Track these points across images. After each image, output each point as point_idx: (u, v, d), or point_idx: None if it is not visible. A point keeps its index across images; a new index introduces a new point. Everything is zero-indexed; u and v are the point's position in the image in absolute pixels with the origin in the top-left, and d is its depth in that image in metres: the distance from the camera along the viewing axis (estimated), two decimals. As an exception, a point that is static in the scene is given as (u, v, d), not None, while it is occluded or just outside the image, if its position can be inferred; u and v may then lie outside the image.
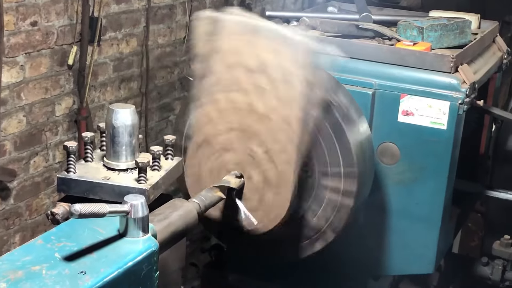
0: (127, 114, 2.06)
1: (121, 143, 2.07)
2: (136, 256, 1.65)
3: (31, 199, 3.76)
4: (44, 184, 3.83)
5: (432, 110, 2.58)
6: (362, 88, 2.64)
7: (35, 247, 1.65)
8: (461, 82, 2.58)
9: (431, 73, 2.60)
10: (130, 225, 1.69)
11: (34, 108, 3.67)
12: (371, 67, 2.66)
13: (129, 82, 4.35)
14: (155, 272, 1.71)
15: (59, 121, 3.86)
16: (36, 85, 3.65)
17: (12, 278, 1.51)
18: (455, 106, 2.56)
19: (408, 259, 2.80)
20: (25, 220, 3.75)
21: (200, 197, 2.07)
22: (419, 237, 2.75)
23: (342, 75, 2.58)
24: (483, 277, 3.38)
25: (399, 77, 2.63)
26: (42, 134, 3.76)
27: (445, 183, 2.67)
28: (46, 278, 1.52)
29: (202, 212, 2.04)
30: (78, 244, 1.66)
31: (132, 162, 2.09)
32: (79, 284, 1.51)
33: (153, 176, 2.08)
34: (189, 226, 1.95)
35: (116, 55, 4.19)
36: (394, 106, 2.63)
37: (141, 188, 2.00)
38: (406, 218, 2.74)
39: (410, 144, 2.65)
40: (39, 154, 3.76)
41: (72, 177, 2.03)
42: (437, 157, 2.64)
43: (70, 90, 3.88)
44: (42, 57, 3.65)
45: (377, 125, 2.65)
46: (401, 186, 2.71)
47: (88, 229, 1.72)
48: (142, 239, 1.70)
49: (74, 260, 1.59)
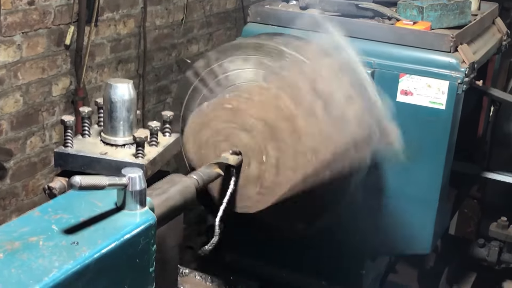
0: (125, 89, 2.05)
1: (118, 118, 2.05)
2: (133, 228, 1.64)
3: (27, 179, 3.75)
4: (41, 164, 3.82)
5: (431, 90, 2.57)
6: (361, 67, 2.62)
7: (32, 219, 1.64)
8: (460, 61, 2.57)
9: (431, 52, 2.59)
10: (128, 198, 1.68)
11: (30, 88, 3.65)
12: (371, 46, 2.64)
13: (126, 64, 4.33)
14: (153, 245, 1.70)
15: (56, 101, 3.84)
16: (33, 65, 3.63)
17: (9, 249, 1.50)
18: (454, 86, 2.55)
19: (405, 240, 2.80)
20: (21, 200, 3.74)
21: (198, 173, 2.07)
22: (416, 217, 2.75)
23: (341, 54, 2.56)
24: (480, 259, 3.38)
25: (398, 57, 2.61)
26: (39, 114, 3.74)
27: (443, 164, 2.66)
28: (43, 249, 1.51)
29: (201, 188, 2.03)
30: (75, 216, 1.65)
31: (130, 138, 2.07)
32: (76, 255, 1.50)
33: (150, 152, 2.07)
34: (187, 201, 1.94)
35: (114, 36, 4.17)
36: (393, 85, 2.61)
37: (139, 163, 1.99)
38: (403, 198, 2.74)
39: (409, 124, 2.64)
40: (36, 134, 3.75)
41: (69, 151, 2.02)
42: (435, 137, 2.63)
43: (67, 70, 3.86)
44: (39, 37, 3.63)
45: (376, 105, 2.63)
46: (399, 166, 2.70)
47: (85, 202, 1.71)
48: (139, 212, 1.69)
49: (71, 231, 1.58)
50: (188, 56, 4.84)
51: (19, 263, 1.45)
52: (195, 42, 5.00)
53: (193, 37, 4.97)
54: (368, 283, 3.05)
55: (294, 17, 2.75)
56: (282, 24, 2.78)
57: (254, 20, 2.85)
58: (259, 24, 2.84)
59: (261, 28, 2.78)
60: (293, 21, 2.75)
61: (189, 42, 4.93)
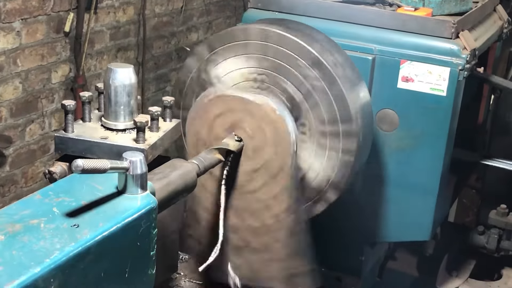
0: (126, 74, 2.04)
1: (119, 103, 2.05)
2: (134, 212, 1.63)
3: (26, 167, 3.75)
4: (40, 152, 3.82)
5: (432, 76, 2.56)
6: (362, 53, 2.61)
7: (33, 202, 1.64)
8: (461, 48, 2.56)
9: (432, 38, 2.58)
10: (129, 182, 1.68)
11: (30, 75, 3.64)
12: (372, 32, 2.63)
13: (125, 51, 4.32)
14: (154, 229, 1.70)
15: (55, 88, 3.83)
16: (32, 52, 3.62)
17: (10, 231, 1.50)
18: (455, 72, 2.54)
19: (405, 226, 2.80)
20: (20, 187, 3.74)
21: (199, 158, 2.06)
22: (416, 204, 2.75)
23: (342, 40, 2.55)
24: (479, 246, 3.39)
25: (400, 43, 2.60)
26: (38, 101, 3.74)
27: (444, 151, 2.66)
28: (44, 232, 1.51)
29: (201, 173, 2.03)
30: (76, 199, 1.64)
31: (131, 123, 2.07)
32: (77, 237, 1.50)
33: (151, 137, 2.07)
34: (188, 186, 1.94)
35: (113, 23, 4.16)
36: (394, 72, 2.60)
37: (139, 148, 1.99)
38: (403, 185, 2.74)
39: (409, 111, 2.63)
40: (35, 121, 3.74)
41: (70, 136, 2.01)
42: (436, 124, 2.62)
43: (67, 57, 3.85)
44: (38, 24, 3.62)
45: (377, 91, 2.63)
46: (399, 153, 2.70)
47: (86, 186, 1.71)
48: (140, 195, 1.68)
49: (72, 214, 1.58)
50: (188, 44, 4.82)
51: (20, 245, 1.45)
52: (194, 30, 4.99)
53: (193, 25, 4.95)
54: (367, 270, 3.05)
55: (296, 3, 2.74)
56: (283, 10, 2.77)
57: (255, 6, 2.84)
58: (260, 10, 2.82)
59: (262, 14, 2.76)
60: (294, 7, 2.74)
61: (188, 30, 4.91)
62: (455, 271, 3.45)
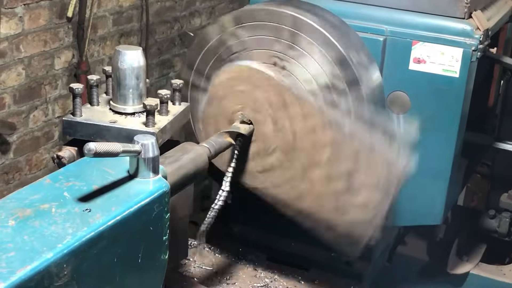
0: (134, 56, 2.00)
1: (128, 86, 2.01)
2: (147, 196, 1.60)
3: (31, 154, 3.71)
4: (44, 138, 3.78)
5: (444, 57, 2.52)
6: (373, 34, 2.56)
7: (43, 186, 1.60)
8: (474, 28, 2.51)
9: (444, 19, 2.53)
10: (141, 166, 1.64)
11: (33, 61, 3.59)
12: (383, 13, 2.58)
13: (128, 37, 4.27)
14: (166, 213, 1.66)
15: (59, 74, 3.78)
16: (35, 38, 3.57)
17: (21, 216, 1.46)
18: (468, 53, 2.49)
19: (416, 210, 2.77)
20: (25, 175, 3.70)
21: (210, 142, 2.03)
22: (428, 188, 2.71)
23: (353, 21, 2.51)
24: (490, 230, 3.35)
25: (411, 23, 2.55)
26: (42, 87, 3.69)
27: (456, 133, 2.62)
28: (55, 216, 1.47)
29: (212, 157, 2.00)
30: (87, 183, 1.61)
31: (140, 106, 2.03)
32: (90, 222, 1.46)
33: (161, 120, 2.03)
34: (199, 170, 1.91)
35: (116, 8, 4.10)
36: (406, 53, 2.56)
37: (150, 131, 1.95)
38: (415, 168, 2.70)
39: (421, 93, 2.59)
40: (39, 108, 3.69)
41: (78, 120, 1.97)
42: (449, 106, 2.58)
43: (70, 43, 3.80)
44: (41, 9, 3.56)
45: (388, 73, 2.58)
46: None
47: (96, 170, 1.67)
48: (152, 179, 1.65)
49: (84, 199, 1.54)
50: (191, 30, 4.77)
51: (32, 230, 1.42)
52: (197, 15, 4.93)
53: (196, 10, 4.89)
54: (377, 255, 3.02)
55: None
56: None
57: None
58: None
59: (270, -5, 2.71)
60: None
61: (191, 15, 4.86)
62: (466, 255, 3.41)
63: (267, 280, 2.72)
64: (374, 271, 3.03)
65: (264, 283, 2.71)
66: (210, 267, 2.75)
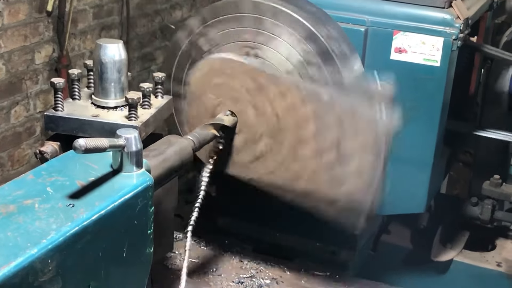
0: (115, 49, 1.99)
1: (109, 80, 2.00)
2: (130, 190, 1.60)
3: (12, 150, 3.68)
4: (26, 134, 3.75)
5: (425, 47, 2.53)
6: (354, 25, 2.57)
7: (26, 182, 1.59)
8: (455, 17, 2.53)
9: (425, 8, 2.55)
10: (125, 160, 1.64)
11: (13, 56, 3.56)
12: (363, 3, 2.59)
13: (109, 30, 4.24)
14: (150, 207, 1.66)
15: (39, 69, 3.75)
16: (14, 32, 3.54)
17: (4, 212, 1.45)
18: (449, 42, 2.51)
19: (400, 199, 2.78)
20: (7, 171, 3.67)
21: (194, 134, 2.03)
22: (411, 176, 2.73)
23: (334, 12, 2.51)
24: (473, 217, 3.39)
25: (392, 13, 2.57)
26: (22, 82, 3.65)
27: (438, 122, 2.64)
28: (39, 212, 1.47)
29: (197, 149, 2.00)
30: (70, 178, 1.60)
31: (122, 100, 2.02)
32: (74, 217, 1.46)
33: (143, 114, 2.02)
34: (184, 162, 1.90)
35: (96, 1, 4.07)
36: (387, 43, 2.57)
37: (132, 125, 1.94)
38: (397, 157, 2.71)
39: (403, 82, 2.60)
40: (20, 103, 3.66)
41: (60, 114, 1.96)
42: (430, 95, 2.60)
43: (50, 37, 3.77)
44: (20, 3, 3.53)
45: (369, 63, 2.59)
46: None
47: (79, 164, 1.67)
48: (136, 173, 1.65)
49: (67, 194, 1.54)
50: (172, 22, 4.74)
51: (15, 226, 1.41)
52: (178, 8, 4.91)
53: (176, 2, 4.87)
54: (362, 244, 3.04)
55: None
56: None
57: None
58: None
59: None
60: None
61: (172, 8, 4.83)
62: (449, 243, 3.45)
63: (253, 271, 2.73)
64: (359, 260, 3.05)
65: (250, 274, 2.72)
66: (196, 260, 2.76)
